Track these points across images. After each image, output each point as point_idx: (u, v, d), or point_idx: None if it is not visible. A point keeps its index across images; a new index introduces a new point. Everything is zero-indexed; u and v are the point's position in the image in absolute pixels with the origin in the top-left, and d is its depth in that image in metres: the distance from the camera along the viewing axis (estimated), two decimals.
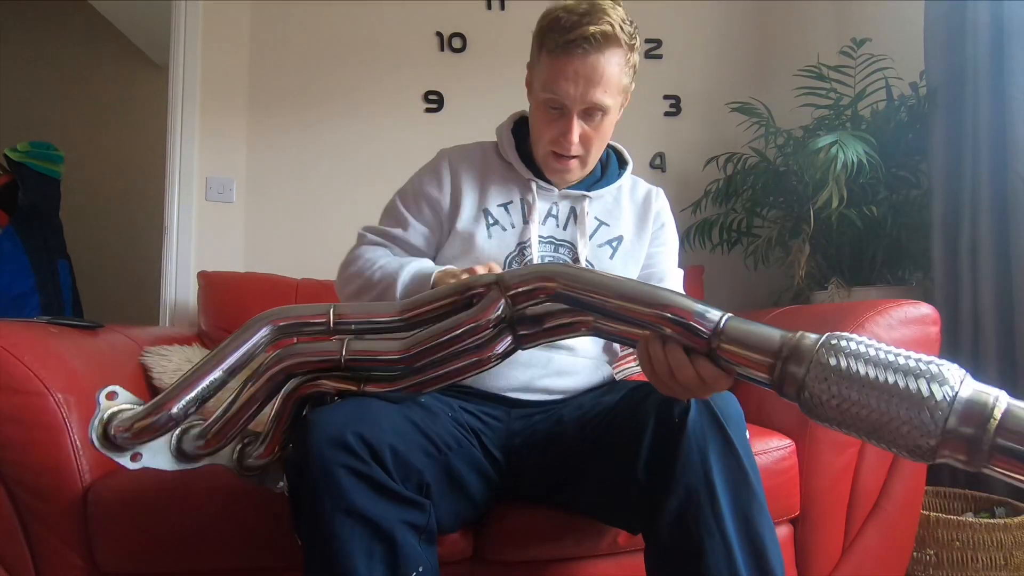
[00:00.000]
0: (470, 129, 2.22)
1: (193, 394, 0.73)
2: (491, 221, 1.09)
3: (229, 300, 1.82)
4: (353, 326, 0.77)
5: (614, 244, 1.12)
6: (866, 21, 2.19)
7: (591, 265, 1.09)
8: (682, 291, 1.12)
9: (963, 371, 0.51)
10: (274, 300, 1.74)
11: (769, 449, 1.12)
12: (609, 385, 1.11)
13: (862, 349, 0.54)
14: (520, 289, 0.71)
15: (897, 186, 1.89)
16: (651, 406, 0.84)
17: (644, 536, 0.84)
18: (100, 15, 3.20)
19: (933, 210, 1.77)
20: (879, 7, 2.17)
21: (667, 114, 2.32)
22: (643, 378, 1.47)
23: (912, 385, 0.50)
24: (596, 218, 1.13)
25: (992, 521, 1.34)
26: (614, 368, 1.21)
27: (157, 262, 2.14)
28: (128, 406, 0.74)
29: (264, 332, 0.76)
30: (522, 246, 1.08)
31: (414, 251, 1.12)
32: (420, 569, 0.76)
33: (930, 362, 0.51)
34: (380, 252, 1.10)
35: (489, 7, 2.26)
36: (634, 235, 1.14)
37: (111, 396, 0.74)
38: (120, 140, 3.57)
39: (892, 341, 1.15)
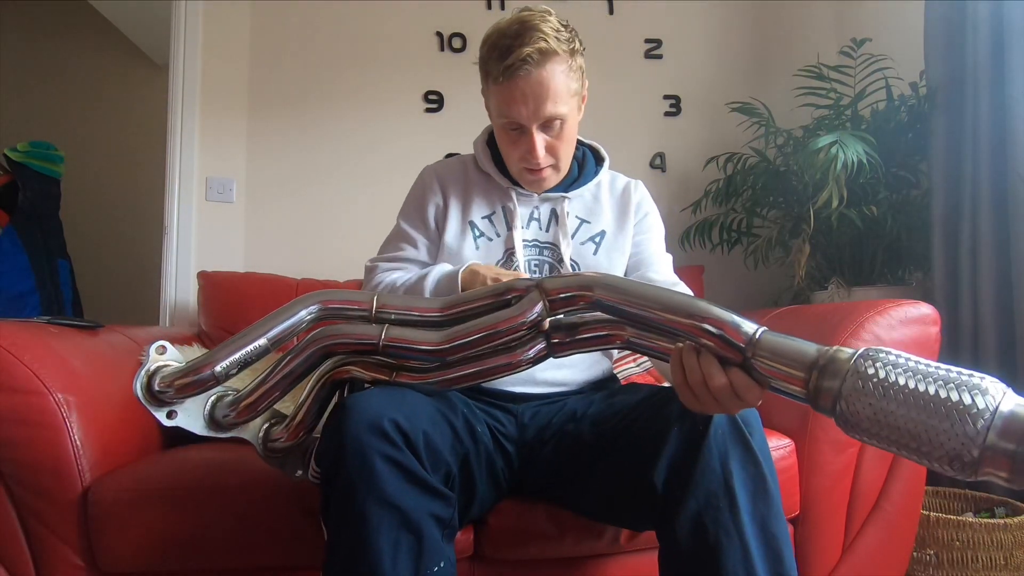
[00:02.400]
0: (470, 129, 2.21)
1: (237, 356, 0.74)
2: (477, 233, 1.11)
3: (229, 300, 1.83)
4: (393, 316, 0.79)
5: (596, 240, 1.13)
6: (866, 21, 2.19)
7: (575, 263, 1.10)
8: (672, 273, 1.13)
9: (1004, 385, 0.50)
10: (274, 300, 1.74)
11: None
12: (620, 386, 1.13)
13: (900, 361, 0.53)
14: (559, 295, 0.72)
15: (897, 186, 1.89)
16: (675, 410, 0.83)
17: (659, 537, 0.84)
18: (100, 15, 3.20)
19: (933, 210, 1.77)
20: (879, 7, 2.17)
21: (667, 114, 2.31)
22: (643, 379, 1.47)
23: (953, 395, 0.50)
24: (577, 217, 1.14)
25: (992, 521, 1.34)
26: (613, 367, 1.21)
27: (157, 262, 2.14)
28: (175, 362, 0.76)
29: (312, 309, 0.78)
30: (508, 252, 1.10)
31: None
32: (442, 564, 0.76)
33: (971, 375, 0.51)
34: (398, 274, 1.10)
35: (489, 7, 2.26)
36: (616, 228, 1.14)
37: (161, 350, 0.75)
38: (120, 140, 3.57)
39: (892, 341, 1.15)
